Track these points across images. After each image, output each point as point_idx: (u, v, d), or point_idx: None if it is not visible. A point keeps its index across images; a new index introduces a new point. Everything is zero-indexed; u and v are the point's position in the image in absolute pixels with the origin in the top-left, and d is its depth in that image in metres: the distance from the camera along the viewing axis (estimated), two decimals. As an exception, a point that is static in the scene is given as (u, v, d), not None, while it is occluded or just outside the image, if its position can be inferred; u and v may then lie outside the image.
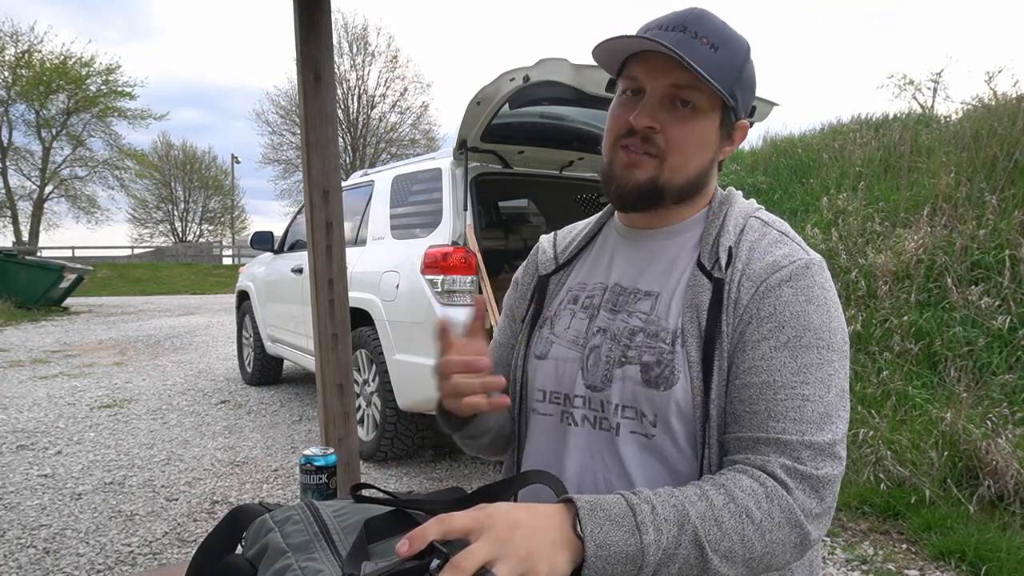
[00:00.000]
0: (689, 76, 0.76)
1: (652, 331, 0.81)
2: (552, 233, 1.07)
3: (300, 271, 4.65)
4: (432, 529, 0.59)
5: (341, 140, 15.00)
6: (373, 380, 3.86)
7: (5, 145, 26.05)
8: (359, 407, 4.03)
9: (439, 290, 3.37)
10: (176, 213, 37.10)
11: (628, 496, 0.68)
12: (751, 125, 3.28)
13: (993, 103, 6.93)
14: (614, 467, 0.81)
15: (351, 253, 3.45)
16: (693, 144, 0.81)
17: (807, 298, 0.76)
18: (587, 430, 0.84)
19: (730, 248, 0.81)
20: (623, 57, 0.83)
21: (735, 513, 0.68)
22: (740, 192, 0.91)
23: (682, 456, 0.79)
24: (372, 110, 28.66)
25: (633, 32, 0.83)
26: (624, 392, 0.81)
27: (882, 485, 3.05)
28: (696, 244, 0.86)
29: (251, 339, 5.97)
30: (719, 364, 0.76)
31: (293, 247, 5.28)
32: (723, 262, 0.80)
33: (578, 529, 0.64)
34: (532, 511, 0.65)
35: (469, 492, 0.81)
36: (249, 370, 6.10)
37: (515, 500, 0.92)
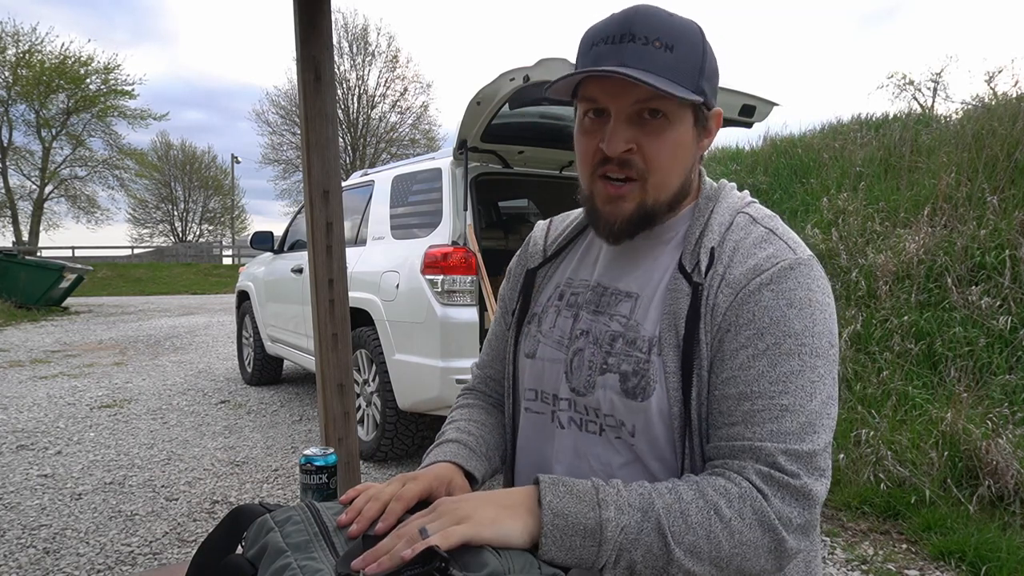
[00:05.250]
0: (652, 89, 0.71)
1: (630, 338, 0.79)
2: (548, 221, 1.03)
3: (300, 271, 4.65)
4: (389, 544, 0.63)
5: (341, 140, 15.00)
6: (373, 380, 3.86)
7: (5, 145, 26.05)
8: (359, 407, 4.03)
9: (439, 290, 3.37)
10: (176, 213, 37.12)
11: (596, 480, 0.69)
12: (750, 126, 3.30)
13: (993, 103, 6.93)
14: (600, 470, 0.80)
15: (351, 253, 3.46)
16: (671, 155, 0.77)
17: (788, 302, 0.72)
18: (573, 432, 0.83)
19: (712, 249, 0.78)
20: (574, 83, 0.78)
21: (703, 508, 0.67)
22: (733, 184, 0.87)
23: (664, 465, 0.78)
24: (372, 110, 28.68)
25: (579, 37, 0.79)
26: (605, 400, 0.79)
27: (882, 485, 3.05)
28: (679, 243, 0.82)
29: (251, 339, 5.97)
30: (698, 373, 0.74)
31: (293, 247, 5.28)
32: (703, 265, 0.77)
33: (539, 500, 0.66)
34: (494, 492, 0.68)
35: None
36: (249, 370, 6.10)
37: None
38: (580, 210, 1.00)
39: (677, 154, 0.78)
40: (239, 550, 0.72)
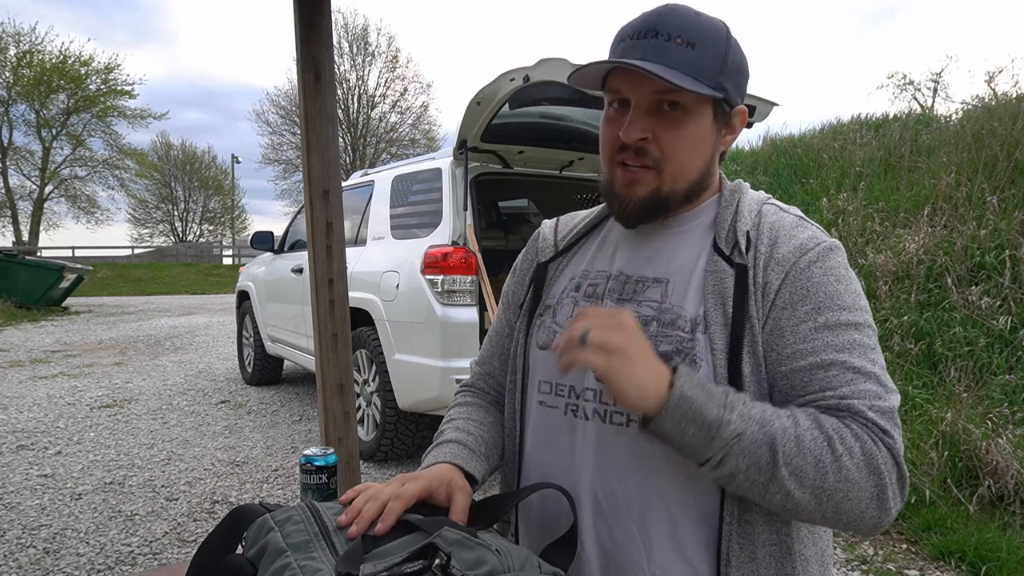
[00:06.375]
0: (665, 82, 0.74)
1: (667, 319, 0.80)
2: (555, 219, 1.04)
3: (300, 271, 4.65)
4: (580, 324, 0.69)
5: (341, 140, 15.01)
6: (373, 380, 3.86)
7: (5, 145, 26.04)
8: (359, 407, 4.03)
9: (439, 290, 3.37)
10: (176, 213, 37.14)
11: (727, 386, 0.72)
12: (750, 126, 3.30)
13: (993, 103, 6.94)
14: (630, 462, 0.79)
15: (351, 253, 3.46)
16: (688, 147, 0.80)
17: (836, 278, 0.77)
18: (597, 424, 0.82)
19: (748, 232, 0.80)
20: (602, 74, 0.81)
21: (817, 438, 0.69)
22: (748, 184, 0.90)
23: None
24: (372, 110, 28.68)
25: (611, 37, 0.82)
26: None
27: (882, 485, 3.05)
28: (706, 229, 0.84)
29: (251, 339, 5.97)
30: (750, 348, 0.75)
31: (293, 247, 5.28)
32: (743, 246, 0.79)
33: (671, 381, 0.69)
34: (647, 347, 0.71)
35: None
36: (249, 370, 6.10)
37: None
38: (588, 210, 1.02)
39: (694, 146, 0.81)
40: (239, 550, 0.72)
